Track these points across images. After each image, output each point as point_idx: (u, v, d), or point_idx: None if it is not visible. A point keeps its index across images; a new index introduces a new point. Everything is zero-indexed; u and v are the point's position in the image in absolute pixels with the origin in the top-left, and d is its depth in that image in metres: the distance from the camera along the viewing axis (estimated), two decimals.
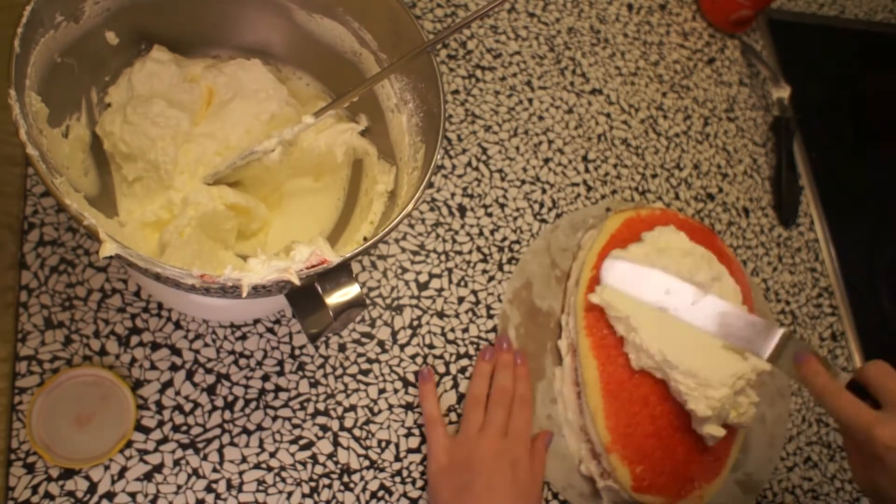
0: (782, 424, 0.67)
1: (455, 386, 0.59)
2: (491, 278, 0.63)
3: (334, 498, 0.52)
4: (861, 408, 0.45)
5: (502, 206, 0.67)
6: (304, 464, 0.52)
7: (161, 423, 0.50)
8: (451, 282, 0.62)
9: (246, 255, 0.49)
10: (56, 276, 0.51)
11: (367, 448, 0.54)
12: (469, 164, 0.67)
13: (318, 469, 0.53)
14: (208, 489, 0.50)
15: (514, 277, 0.64)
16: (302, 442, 0.53)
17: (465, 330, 0.61)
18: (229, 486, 0.50)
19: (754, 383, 0.57)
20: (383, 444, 0.55)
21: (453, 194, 0.66)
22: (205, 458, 0.50)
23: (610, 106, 0.76)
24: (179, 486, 0.49)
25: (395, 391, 0.57)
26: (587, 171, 0.72)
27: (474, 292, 0.62)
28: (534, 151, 0.70)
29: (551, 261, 0.66)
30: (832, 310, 0.76)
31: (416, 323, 0.59)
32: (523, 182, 0.69)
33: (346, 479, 0.53)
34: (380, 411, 0.56)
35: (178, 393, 0.51)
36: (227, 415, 0.52)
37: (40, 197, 0.53)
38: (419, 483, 0.55)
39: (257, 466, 0.51)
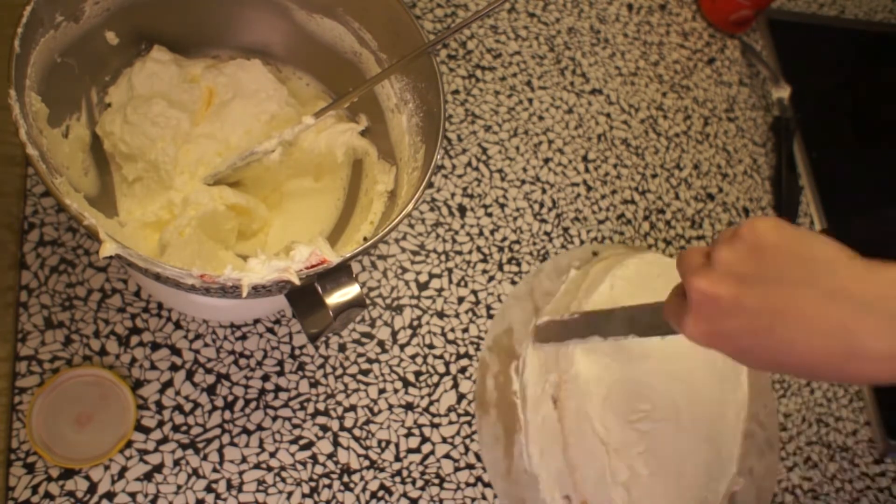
0: (771, 478, 0.65)
1: (455, 386, 0.59)
2: (491, 278, 0.63)
3: (334, 498, 0.52)
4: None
5: (502, 206, 0.67)
6: (304, 464, 0.52)
7: (161, 423, 0.50)
8: (451, 282, 0.62)
9: (246, 255, 0.49)
10: (56, 276, 0.51)
11: (367, 448, 0.54)
12: (469, 164, 0.67)
13: (318, 469, 0.53)
14: (208, 489, 0.50)
15: (495, 323, 0.62)
16: (302, 442, 0.53)
17: (465, 330, 0.61)
18: (229, 486, 0.50)
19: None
20: (383, 444, 0.55)
21: (453, 194, 0.66)
22: (205, 458, 0.50)
23: (610, 106, 0.76)
24: (179, 486, 0.49)
25: (395, 391, 0.57)
26: (587, 171, 0.72)
27: (474, 292, 0.62)
28: (534, 151, 0.70)
29: (534, 306, 0.63)
30: None
31: (416, 323, 0.59)
32: (523, 182, 0.69)
33: (346, 479, 0.53)
34: (380, 411, 0.56)
35: (178, 393, 0.51)
36: (227, 415, 0.52)
37: (40, 197, 0.53)
38: (419, 483, 0.55)
39: (257, 466, 0.51)
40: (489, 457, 0.57)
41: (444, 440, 0.57)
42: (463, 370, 0.59)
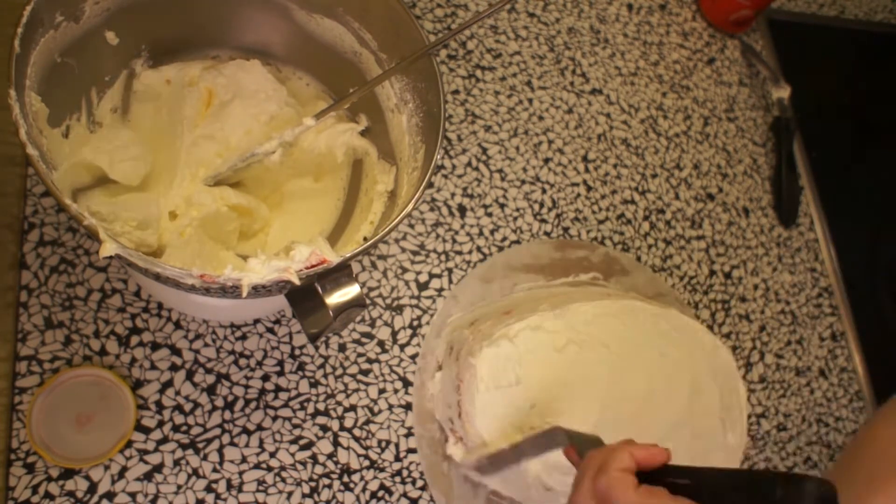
0: None
1: None
2: None
3: (334, 498, 0.52)
4: None
5: (502, 206, 0.67)
6: (304, 464, 0.52)
7: (161, 423, 0.50)
8: (451, 282, 0.62)
9: (246, 255, 0.49)
10: (56, 276, 0.51)
11: (367, 448, 0.54)
12: (469, 164, 0.67)
13: (318, 469, 0.53)
14: (208, 489, 0.50)
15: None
16: (302, 442, 0.53)
17: None
18: (229, 486, 0.50)
19: None
20: (383, 444, 0.55)
21: (453, 194, 0.66)
22: (205, 458, 0.50)
23: (610, 106, 0.76)
24: (179, 486, 0.49)
25: (395, 391, 0.57)
26: (587, 171, 0.72)
27: None
28: (534, 151, 0.70)
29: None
30: (832, 310, 0.76)
31: (416, 323, 0.59)
32: (523, 182, 0.69)
33: (346, 479, 0.53)
34: (380, 411, 0.56)
35: (178, 393, 0.51)
36: (227, 415, 0.52)
37: (40, 197, 0.53)
38: (419, 483, 0.55)
39: (257, 466, 0.51)
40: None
41: None
42: None
